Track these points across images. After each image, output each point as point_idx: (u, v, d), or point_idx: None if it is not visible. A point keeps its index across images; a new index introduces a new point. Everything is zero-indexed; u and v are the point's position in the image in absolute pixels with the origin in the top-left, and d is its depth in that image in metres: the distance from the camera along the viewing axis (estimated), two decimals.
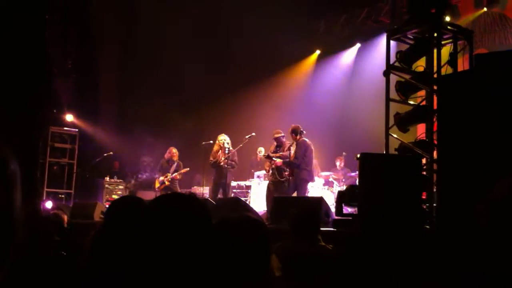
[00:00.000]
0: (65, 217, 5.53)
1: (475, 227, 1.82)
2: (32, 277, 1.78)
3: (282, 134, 10.54)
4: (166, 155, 12.41)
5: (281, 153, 10.35)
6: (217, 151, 10.87)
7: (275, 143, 10.65)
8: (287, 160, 10.06)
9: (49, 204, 10.92)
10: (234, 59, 14.57)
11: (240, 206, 8.05)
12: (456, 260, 3.97)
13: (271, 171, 10.44)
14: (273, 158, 10.30)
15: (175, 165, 12.25)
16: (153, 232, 1.72)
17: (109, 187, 13.70)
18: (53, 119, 13.99)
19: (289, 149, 10.03)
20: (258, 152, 11.57)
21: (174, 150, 12.37)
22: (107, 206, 7.44)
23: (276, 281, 2.17)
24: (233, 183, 12.63)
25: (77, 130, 14.44)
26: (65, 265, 4.31)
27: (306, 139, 10.06)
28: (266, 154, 10.64)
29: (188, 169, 12.25)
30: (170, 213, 1.73)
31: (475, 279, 1.79)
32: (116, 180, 13.73)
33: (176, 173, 12.12)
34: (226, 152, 10.71)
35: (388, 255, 2.04)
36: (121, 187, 13.57)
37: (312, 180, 10.43)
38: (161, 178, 12.24)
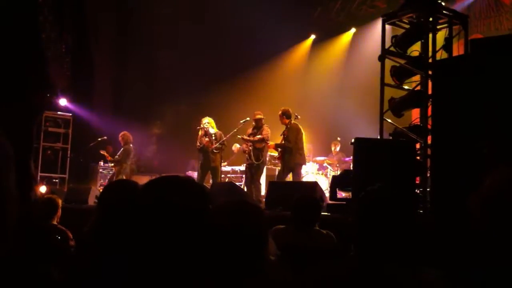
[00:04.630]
0: (60, 202, 5.53)
1: (468, 214, 1.83)
2: (26, 261, 1.78)
3: (263, 117, 10.53)
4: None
5: (258, 136, 10.32)
6: (203, 135, 10.78)
7: (252, 126, 10.62)
8: (279, 143, 10.06)
9: (43, 189, 10.91)
10: (229, 44, 14.51)
11: (235, 191, 8.05)
12: (451, 246, 4.00)
13: (247, 155, 10.43)
14: (267, 141, 10.29)
15: (121, 149, 12.34)
16: (149, 216, 1.71)
17: (103, 171, 13.68)
18: (46, 104, 13.89)
19: (283, 133, 10.02)
20: (233, 149, 11.60)
21: (121, 135, 12.33)
22: (101, 190, 7.43)
23: (271, 265, 2.18)
24: (228, 168, 12.64)
25: (71, 114, 14.37)
26: (59, 249, 4.32)
27: (298, 123, 10.04)
28: (244, 137, 10.57)
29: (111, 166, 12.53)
30: (167, 197, 1.71)
31: (475, 275, 1.80)
32: (109, 164, 13.74)
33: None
34: (212, 136, 10.65)
35: (382, 240, 2.04)
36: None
37: (304, 163, 10.43)
38: None
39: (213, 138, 10.62)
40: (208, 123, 10.74)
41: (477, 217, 1.82)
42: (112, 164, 12.64)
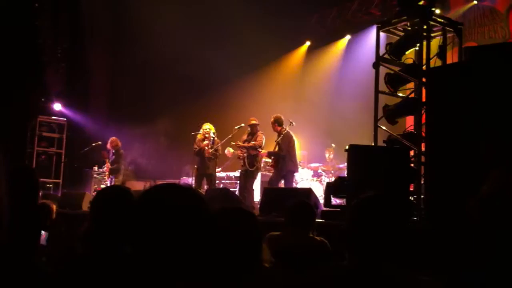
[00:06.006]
0: (54, 207, 5.50)
1: (463, 220, 1.84)
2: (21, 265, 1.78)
3: (257, 123, 10.54)
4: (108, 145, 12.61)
5: (253, 142, 10.32)
6: (202, 140, 10.76)
7: (247, 132, 10.62)
8: (272, 151, 10.07)
9: None
10: (225, 50, 14.51)
11: (230, 197, 8.06)
12: (445, 252, 4.01)
13: (242, 161, 10.43)
14: (259, 150, 10.29)
15: (113, 155, 12.53)
16: (147, 223, 1.71)
17: (98, 177, 13.64)
18: (41, 108, 13.90)
19: (276, 141, 10.04)
20: (226, 152, 11.63)
21: (112, 140, 12.55)
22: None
23: (266, 272, 2.18)
24: (222, 174, 12.63)
25: (65, 119, 14.34)
26: (53, 253, 4.30)
27: (290, 131, 10.07)
28: (238, 143, 10.59)
29: (107, 169, 12.64)
30: (165, 204, 1.72)
31: (472, 277, 1.80)
32: (104, 170, 13.69)
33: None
34: (212, 142, 10.64)
35: (376, 247, 2.05)
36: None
37: (297, 170, 10.44)
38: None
39: (211, 142, 10.60)
40: (209, 129, 10.72)
41: (475, 219, 1.83)
42: (108, 172, 12.59)
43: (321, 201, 7.68)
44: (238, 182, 11.46)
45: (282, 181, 9.91)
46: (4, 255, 1.49)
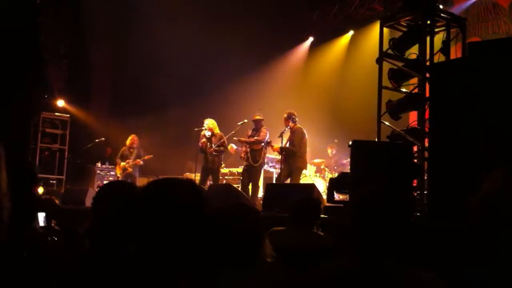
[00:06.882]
0: (57, 203, 5.51)
1: (466, 217, 1.83)
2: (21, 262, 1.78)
3: (261, 118, 10.53)
4: (128, 142, 12.54)
5: (256, 137, 10.32)
6: (204, 136, 10.80)
7: (251, 127, 10.61)
8: (284, 146, 10.03)
9: (39, 190, 10.87)
10: (226, 46, 14.49)
11: (232, 193, 8.05)
12: (447, 249, 4.00)
13: (245, 156, 10.42)
14: (270, 144, 10.29)
15: (135, 151, 12.40)
16: (147, 217, 1.71)
17: (101, 173, 13.64)
18: (44, 105, 13.90)
19: (281, 136, 10.00)
20: (229, 148, 11.64)
21: (136, 137, 12.55)
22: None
23: (268, 267, 2.18)
24: (225, 170, 12.62)
25: (68, 115, 14.35)
26: (54, 250, 4.30)
27: (302, 127, 10.06)
28: (240, 139, 10.59)
29: (152, 156, 12.56)
30: (165, 198, 1.71)
31: (473, 275, 1.80)
32: (107, 166, 13.69)
33: (138, 159, 12.34)
34: (207, 136, 10.64)
35: (378, 243, 2.04)
36: (113, 173, 13.51)
37: (305, 167, 10.44)
38: (122, 163, 12.41)
39: (209, 137, 10.61)
40: (207, 124, 10.73)
41: (476, 218, 1.82)
42: (126, 169, 12.47)
43: (324, 196, 7.68)
44: (241, 178, 11.48)
45: (289, 178, 9.87)
46: (4, 254, 1.49)
